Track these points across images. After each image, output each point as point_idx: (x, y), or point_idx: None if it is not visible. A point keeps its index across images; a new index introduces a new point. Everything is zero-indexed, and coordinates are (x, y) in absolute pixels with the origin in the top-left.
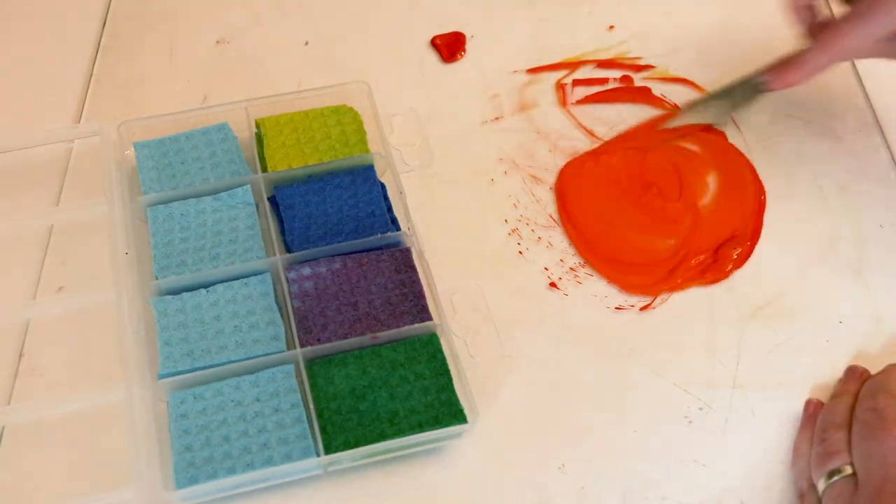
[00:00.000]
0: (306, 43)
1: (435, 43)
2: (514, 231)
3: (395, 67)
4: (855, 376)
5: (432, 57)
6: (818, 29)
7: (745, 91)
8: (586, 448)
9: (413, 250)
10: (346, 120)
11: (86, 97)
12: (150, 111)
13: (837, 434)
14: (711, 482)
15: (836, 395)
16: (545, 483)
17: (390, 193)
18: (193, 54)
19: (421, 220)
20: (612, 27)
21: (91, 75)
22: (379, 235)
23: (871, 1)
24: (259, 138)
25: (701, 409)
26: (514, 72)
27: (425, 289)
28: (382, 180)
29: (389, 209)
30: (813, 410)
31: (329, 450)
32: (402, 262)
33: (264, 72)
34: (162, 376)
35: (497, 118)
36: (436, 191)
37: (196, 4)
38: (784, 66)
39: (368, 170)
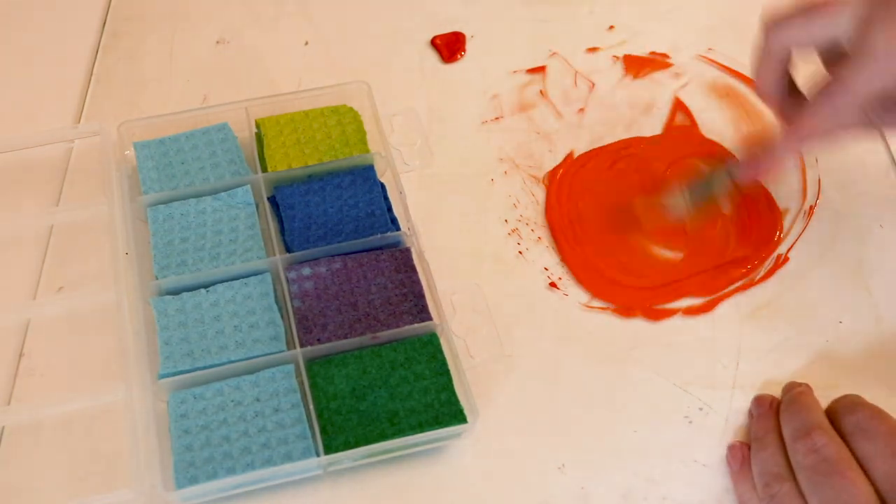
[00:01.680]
0: (306, 43)
1: (435, 43)
2: (514, 231)
3: (395, 67)
4: (765, 407)
5: (432, 57)
6: (791, 108)
7: (719, 180)
8: (586, 448)
9: (413, 250)
10: (346, 120)
11: (86, 97)
12: (150, 111)
13: (784, 486)
14: (711, 482)
15: (758, 438)
16: (545, 483)
17: (390, 193)
18: (193, 54)
19: (421, 220)
20: (612, 27)
21: (91, 75)
22: (379, 235)
23: (852, 64)
24: (259, 138)
25: (701, 409)
26: (514, 72)
27: (425, 289)
28: (382, 180)
29: (389, 209)
30: (742, 457)
31: (329, 450)
32: (401, 262)
33: (264, 72)
34: (162, 376)
35: (497, 118)
36: (436, 191)
37: (196, 4)
38: (753, 158)
39: (368, 170)
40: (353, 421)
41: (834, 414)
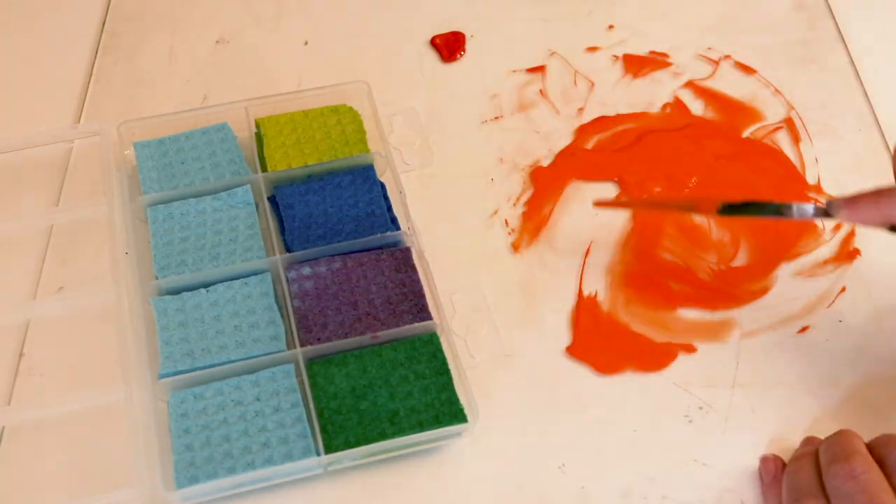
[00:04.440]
0: (306, 43)
1: (435, 43)
2: (514, 230)
3: (395, 67)
4: (813, 442)
5: (432, 57)
6: None
7: (785, 210)
8: (586, 448)
9: (413, 250)
10: (345, 119)
11: (86, 97)
12: (150, 111)
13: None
14: (711, 482)
15: (795, 458)
16: (545, 483)
17: (390, 193)
18: (193, 54)
19: (421, 220)
20: (611, 27)
21: (91, 75)
22: (379, 235)
23: None
24: (259, 138)
25: (701, 408)
26: (514, 71)
27: (425, 288)
28: (382, 180)
29: (389, 209)
30: (775, 470)
31: (329, 449)
32: (401, 262)
33: (264, 72)
34: (162, 376)
35: (497, 118)
36: (436, 190)
37: (196, 4)
38: (862, 198)
39: (368, 169)
40: (354, 420)
41: (874, 450)
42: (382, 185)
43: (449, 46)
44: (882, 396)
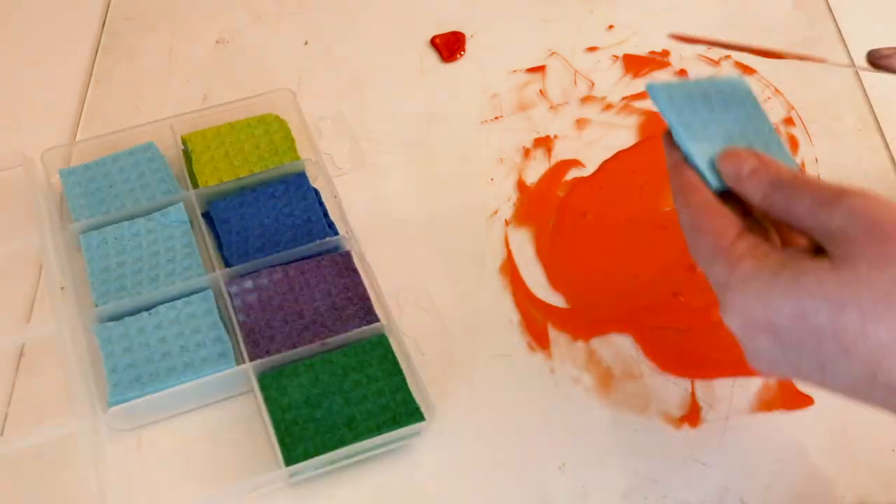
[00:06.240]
0: (306, 43)
1: (434, 43)
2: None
3: (395, 67)
4: None
5: (432, 57)
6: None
7: None
8: (586, 448)
9: (353, 253)
10: (273, 129)
11: (86, 97)
12: (150, 111)
13: None
14: (711, 481)
15: None
16: (545, 483)
17: (324, 198)
18: (193, 54)
19: (358, 222)
20: (611, 27)
21: (91, 75)
22: (318, 242)
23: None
24: (187, 154)
25: (701, 407)
26: (514, 71)
27: (369, 290)
28: (315, 186)
29: (325, 214)
30: None
31: (289, 461)
32: (343, 267)
33: (264, 72)
34: (112, 404)
35: (496, 118)
36: (435, 190)
37: (196, 4)
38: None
39: (300, 177)
40: (311, 430)
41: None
42: (316, 192)
43: (449, 46)
44: None
